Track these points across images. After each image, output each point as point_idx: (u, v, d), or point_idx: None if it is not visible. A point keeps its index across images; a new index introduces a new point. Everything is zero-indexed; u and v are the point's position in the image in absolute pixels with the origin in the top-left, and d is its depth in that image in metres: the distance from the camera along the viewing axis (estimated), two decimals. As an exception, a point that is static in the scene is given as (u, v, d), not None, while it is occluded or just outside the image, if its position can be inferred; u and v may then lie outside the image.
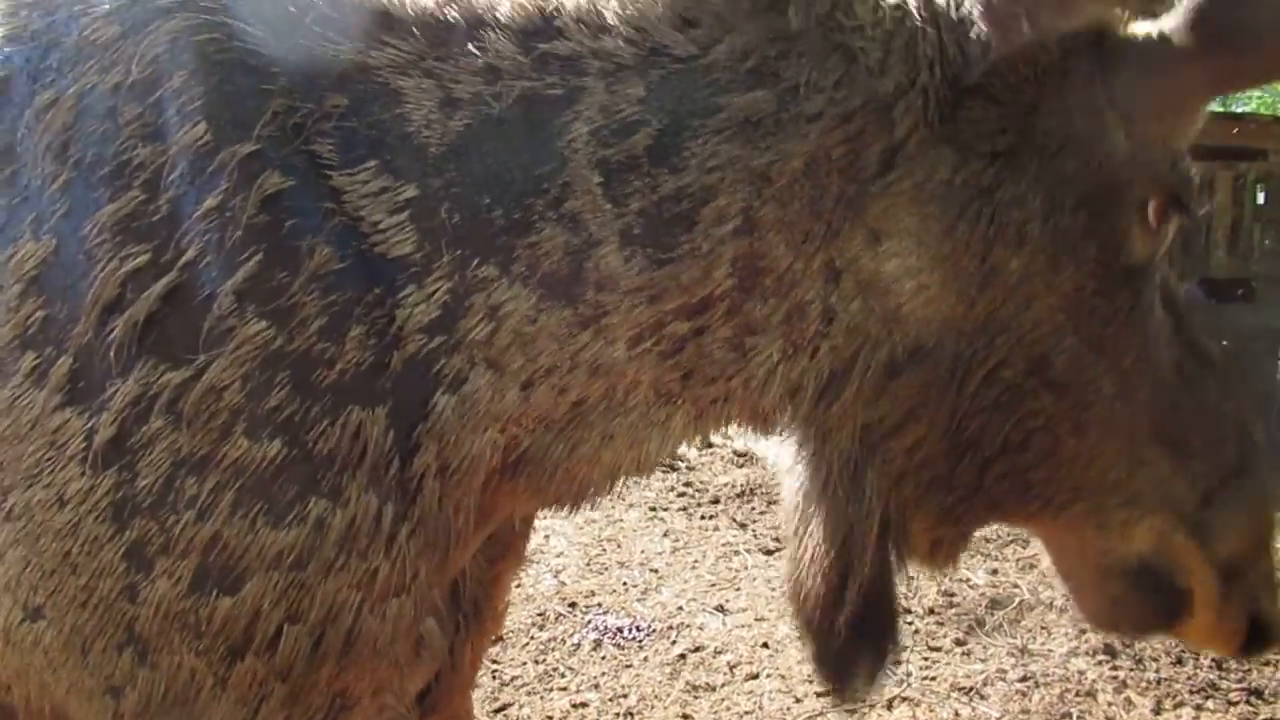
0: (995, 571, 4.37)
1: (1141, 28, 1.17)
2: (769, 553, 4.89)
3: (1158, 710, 3.30)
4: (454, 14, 1.15)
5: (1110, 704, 3.33)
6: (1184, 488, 1.24)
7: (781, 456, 1.33)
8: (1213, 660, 3.60)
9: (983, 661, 3.67)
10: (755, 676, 3.57)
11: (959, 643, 3.82)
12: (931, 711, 3.31)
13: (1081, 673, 3.53)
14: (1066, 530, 1.29)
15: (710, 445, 6.62)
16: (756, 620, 4.07)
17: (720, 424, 1.27)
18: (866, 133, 1.12)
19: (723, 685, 3.50)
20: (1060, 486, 1.22)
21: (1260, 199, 8.91)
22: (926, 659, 3.67)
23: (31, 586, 1.09)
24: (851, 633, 1.23)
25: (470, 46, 1.14)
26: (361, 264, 1.11)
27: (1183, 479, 1.24)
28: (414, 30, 1.14)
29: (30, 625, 1.10)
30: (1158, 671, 3.54)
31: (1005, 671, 3.57)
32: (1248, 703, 3.34)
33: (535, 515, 1.58)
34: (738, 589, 4.43)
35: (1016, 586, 4.29)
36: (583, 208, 1.11)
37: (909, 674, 3.54)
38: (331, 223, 1.11)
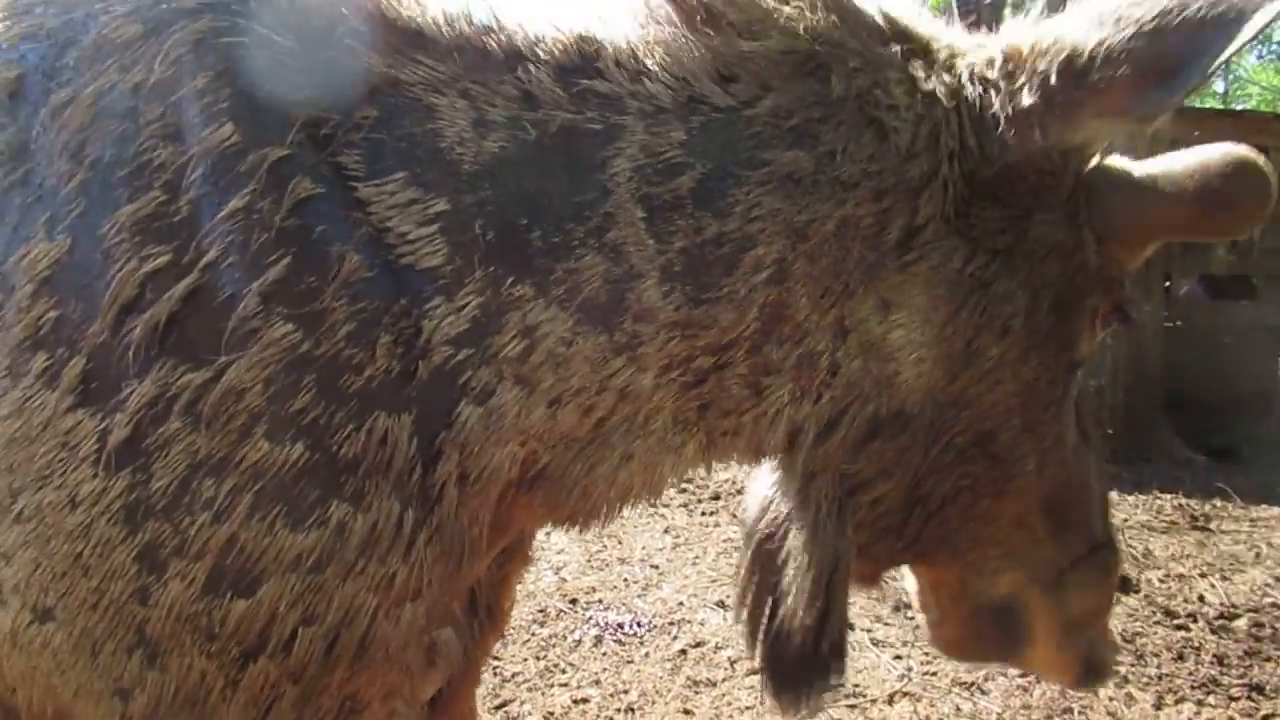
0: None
1: (1123, 163, 1.32)
2: (770, 549, 4.90)
3: (1159, 706, 3.30)
4: (493, 44, 1.17)
5: (1111, 699, 3.33)
6: (1052, 552, 1.41)
7: (753, 488, 1.45)
8: (1214, 656, 3.61)
9: (984, 657, 3.67)
10: (756, 672, 3.57)
11: (960, 638, 3.82)
12: (933, 706, 3.31)
13: (1083, 668, 3.53)
14: (948, 572, 1.45)
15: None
16: (757, 616, 4.07)
17: (726, 455, 1.32)
18: (894, 210, 1.20)
19: (723, 680, 3.50)
20: (965, 538, 1.37)
21: (1261, 195, 8.90)
22: (927, 654, 3.66)
23: (42, 588, 1.07)
24: (833, 655, 1.34)
25: (507, 75, 1.17)
26: (388, 274, 1.11)
27: (1053, 545, 1.41)
28: (451, 52, 1.17)
29: (39, 627, 1.08)
30: (1159, 667, 3.54)
31: (1005, 667, 3.57)
32: (1249, 698, 3.34)
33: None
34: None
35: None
36: (625, 239, 1.15)
37: (910, 669, 3.54)
38: (359, 232, 1.11)
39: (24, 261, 1.07)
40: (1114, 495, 5.74)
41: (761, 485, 1.45)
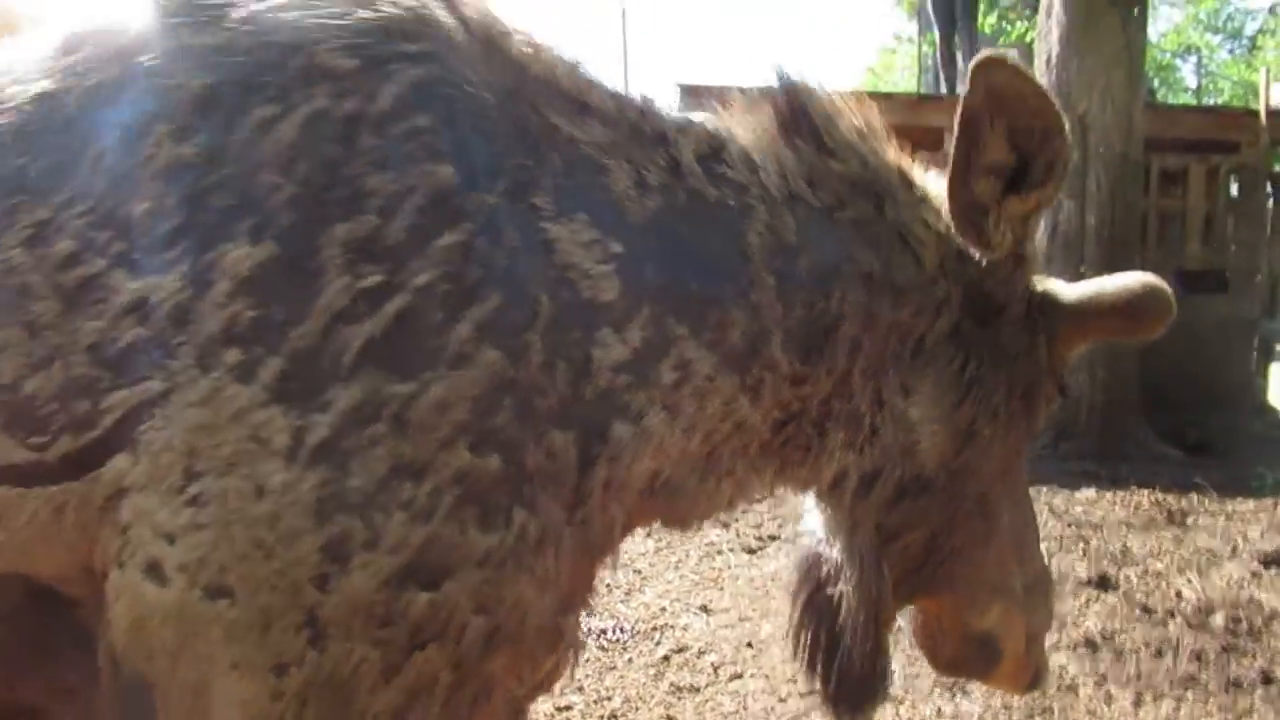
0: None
1: (1063, 286, 1.71)
2: (751, 551, 4.91)
3: (1138, 703, 3.33)
4: (645, 124, 1.41)
5: (1091, 698, 3.36)
6: (1018, 582, 1.74)
7: (795, 553, 1.77)
8: (1192, 652, 3.64)
9: (965, 657, 3.69)
10: (739, 677, 3.58)
11: (941, 639, 3.84)
12: (915, 709, 3.32)
13: (1063, 667, 3.55)
14: (943, 608, 1.77)
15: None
16: (740, 620, 4.08)
17: (787, 483, 1.60)
18: (921, 319, 1.53)
19: (707, 686, 3.50)
20: (963, 579, 1.69)
21: (1233, 191, 8.99)
22: (910, 657, 3.67)
23: (220, 567, 1.12)
24: (884, 675, 1.66)
25: (659, 149, 1.40)
26: (571, 308, 1.26)
27: (1018, 576, 1.74)
28: (614, 123, 1.38)
29: (212, 604, 1.13)
30: (1138, 665, 3.57)
31: (987, 667, 3.59)
32: (1226, 693, 3.38)
33: None
34: (721, 588, 4.44)
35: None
36: (762, 302, 1.39)
37: (893, 672, 3.55)
38: (551, 272, 1.26)
39: (224, 261, 1.12)
40: (1091, 493, 5.80)
41: (803, 548, 1.74)
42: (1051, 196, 1.49)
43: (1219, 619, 3.96)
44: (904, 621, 1.88)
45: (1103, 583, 4.36)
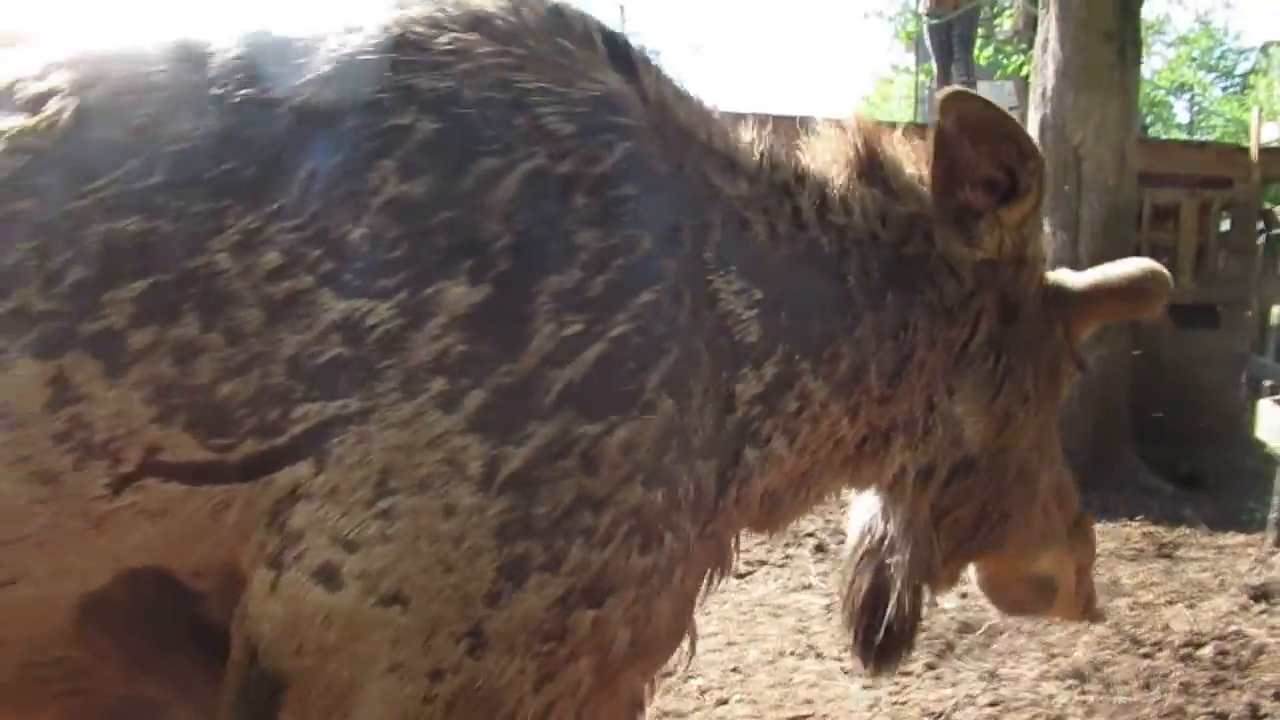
0: (965, 595, 4.36)
1: (1072, 275, 1.92)
2: (740, 576, 4.88)
3: (1126, 735, 3.31)
4: (776, 177, 1.59)
5: (1079, 729, 3.34)
6: (1063, 525, 2.00)
7: (857, 507, 1.96)
8: (1180, 684, 3.63)
9: (953, 686, 3.68)
10: (725, 702, 3.55)
11: (930, 667, 3.82)
12: (902, 736, 3.30)
13: (1051, 697, 3.54)
14: (999, 561, 2.03)
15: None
16: (727, 645, 4.06)
17: (856, 484, 1.81)
18: (964, 331, 1.71)
19: (693, 711, 3.48)
20: (1014, 538, 1.91)
21: (1225, 226, 9.05)
22: (897, 684, 3.66)
23: (401, 577, 1.19)
24: (914, 636, 1.87)
25: (786, 201, 1.58)
26: (722, 353, 1.42)
27: (1061, 521, 1.99)
28: (753, 178, 1.55)
29: (384, 609, 1.20)
30: (1127, 696, 3.56)
31: (975, 696, 3.57)
32: (1213, 726, 3.36)
33: None
34: (708, 613, 4.41)
35: (985, 610, 4.27)
36: (863, 338, 1.58)
37: (879, 699, 3.53)
38: (710, 322, 1.41)
39: (443, 297, 1.20)
40: (1082, 523, 5.79)
41: (858, 519, 1.90)
42: (1038, 202, 1.68)
43: (1207, 651, 3.95)
44: (971, 572, 2.10)
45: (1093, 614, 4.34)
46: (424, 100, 1.27)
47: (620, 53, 1.48)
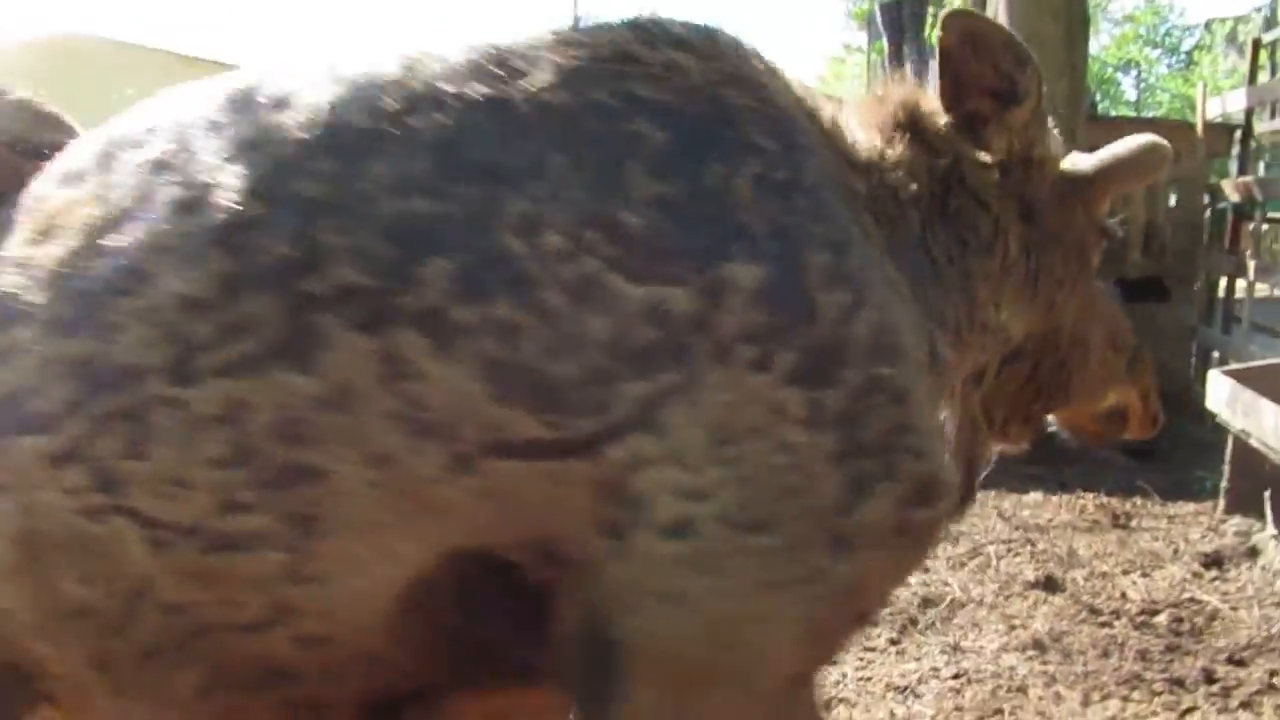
0: (927, 570, 4.43)
1: (1085, 156, 2.02)
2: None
3: (1086, 703, 3.38)
4: (873, 168, 1.68)
5: (1041, 698, 3.40)
6: (1123, 364, 2.21)
7: None
8: (1137, 652, 3.71)
9: (916, 660, 3.72)
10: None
11: (893, 642, 3.87)
12: (868, 712, 3.35)
13: (1012, 668, 3.60)
14: (1076, 407, 2.22)
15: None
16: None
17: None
18: (1002, 256, 1.83)
19: None
20: (1079, 389, 2.11)
21: (1172, 200, 9.19)
22: (861, 659, 3.71)
23: (757, 508, 1.32)
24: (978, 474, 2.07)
25: (884, 185, 1.67)
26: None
27: (1122, 360, 2.21)
28: (866, 172, 1.65)
29: (749, 538, 1.32)
30: (1085, 665, 3.63)
31: (938, 669, 3.62)
32: (1170, 692, 3.43)
33: None
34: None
35: (948, 585, 4.36)
36: (953, 297, 1.73)
37: (845, 675, 3.57)
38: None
39: (733, 276, 1.32)
40: (1038, 496, 5.89)
41: None
42: (1038, 103, 1.78)
43: (1162, 619, 4.04)
44: (1052, 419, 2.30)
45: (1050, 584, 4.42)
46: (651, 109, 1.38)
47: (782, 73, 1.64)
